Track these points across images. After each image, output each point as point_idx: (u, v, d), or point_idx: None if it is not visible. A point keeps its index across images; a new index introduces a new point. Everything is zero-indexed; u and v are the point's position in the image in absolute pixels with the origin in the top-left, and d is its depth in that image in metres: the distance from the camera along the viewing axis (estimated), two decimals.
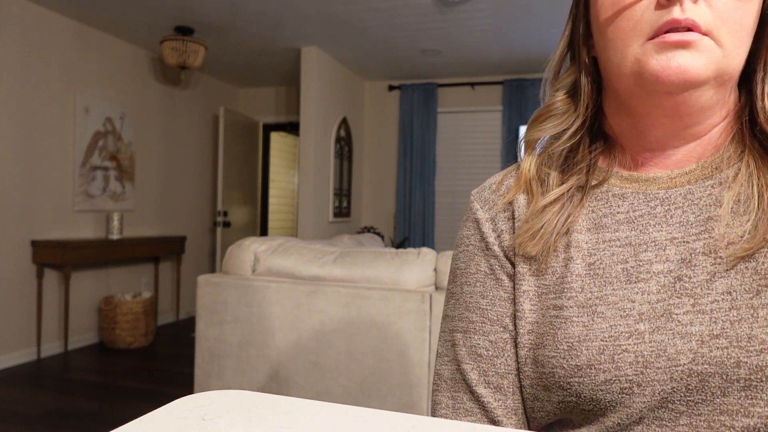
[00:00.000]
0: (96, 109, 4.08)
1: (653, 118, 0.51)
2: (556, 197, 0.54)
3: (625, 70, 0.49)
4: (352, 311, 2.11)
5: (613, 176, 0.55)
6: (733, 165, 0.50)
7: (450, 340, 0.59)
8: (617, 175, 0.55)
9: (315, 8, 3.63)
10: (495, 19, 3.78)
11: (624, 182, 0.54)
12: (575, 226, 0.53)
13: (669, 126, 0.51)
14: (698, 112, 0.49)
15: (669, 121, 0.50)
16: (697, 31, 0.45)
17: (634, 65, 0.48)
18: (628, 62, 0.48)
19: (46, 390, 3.05)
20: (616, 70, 0.50)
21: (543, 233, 0.53)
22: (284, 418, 0.36)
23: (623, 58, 0.48)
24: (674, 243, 0.49)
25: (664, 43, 0.45)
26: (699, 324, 0.45)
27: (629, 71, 0.48)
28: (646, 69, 0.46)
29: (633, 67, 0.48)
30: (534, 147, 0.59)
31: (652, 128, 0.52)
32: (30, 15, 3.58)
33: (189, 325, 4.81)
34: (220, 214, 4.91)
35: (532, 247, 0.53)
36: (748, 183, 0.48)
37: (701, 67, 0.45)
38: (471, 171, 5.25)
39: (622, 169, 0.55)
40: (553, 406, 0.51)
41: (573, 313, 0.49)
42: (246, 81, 5.64)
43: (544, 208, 0.54)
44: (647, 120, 0.51)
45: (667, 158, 0.53)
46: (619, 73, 0.50)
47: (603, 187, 0.55)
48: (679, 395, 0.44)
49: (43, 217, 3.71)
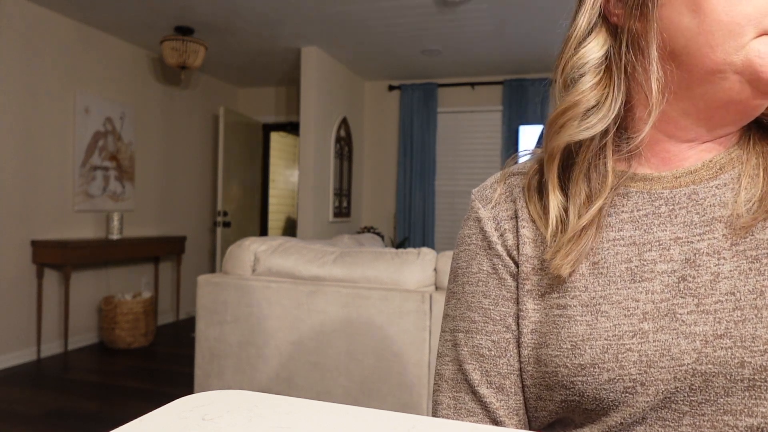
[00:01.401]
0: (96, 109, 4.08)
1: (719, 118, 0.48)
2: (591, 219, 0.50)
3: (736, 60, 0.43)
4: (352, 311, 2.11)
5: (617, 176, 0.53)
6: (737, 166, 0.50)
7: (451, 339, 0.59)
8: (619, 174, 0.53)
9: (315, 8, 3.63)
10: (495, 19, 3.78)
11: (627, 181, 0.53)
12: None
13: (726, 126, 0.48)
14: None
15: (738, 120, 0.48)
16: None
17: (755, 58, 0.42)
18: (742, 53, 0.43)
19: (46, 390, 3.05)
20: (717, 57, 0.44)
21: (580, 256, 0.50)
22: (284, 418, 0.36)
23: (737, 48, 0.43)
24: (678, 243, 0.49)
25: None
26: (703, 324, 0.45)
27: (741, 63, 0.43)
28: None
29: (750, 59, 0.43)
30: (559, 152, 0.52)
31: (706, 125, 0.49)
32: (30, 15, 3.58)
33: (189, 325, 4.81)
34: (220, 214, 4.91)
35: (566, 269, 0.50)
36: (753, 183, 0.48)
37: None
38: (471, 171, 5.25)
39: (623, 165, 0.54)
40: (555, 406, 0.51)
41: (577, 312, 0.49)
42: (246, 81, 5.64)
43: (582, 230, 0.50)
44: (712, 119, 0.48)
45: (681, 154, 0.51)
46: (718, 62, 0.44)
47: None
48: (683, 395, 0.44)
49: (43, 217, 3.71)
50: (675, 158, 0.51)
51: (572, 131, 0.50)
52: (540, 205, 0.55)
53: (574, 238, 0.50)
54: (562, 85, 0.52)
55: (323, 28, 4.01)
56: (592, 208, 0.50)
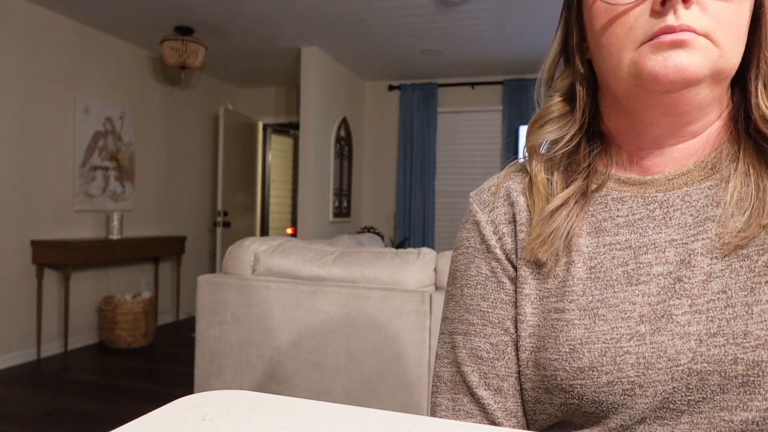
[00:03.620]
0: (96, 109, 4.08)
1: (651, 118, 0.51)
2: (562, 202, 0.54)
3: (622, 74, 0.49)
4: (352, 311, 2.11)
5: (611, 179, 0.55)
6: (729, 165, 0.51)
7: (450, 342, 0.59)
8: (615, 178, 0.55)
9: (315, 8, 3.63)
10: (495, 19, 3.78)
11: (622, 186, 0.54)
12: (576, 230, 0.54)
13: (666, 124, 0.51)
14: (696, 109, 0.49)
15: (667, 119, 0.50)
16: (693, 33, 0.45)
17: (631, 68, 0.48)
18: (624, 66, 0.49)
19: (46, 390, 3.05)
20: (613, 73, 0.50)
21: (553, 238, 0.53)
22: (284, 418, 0.36)
23: (619, 63, 0.49)
24: (673, 245, 0.49)
25: (660, 44, 0.46)
26: (696, 324, 0.45)
27: (626, 74, 0.49)
28: (644, 70, 0.47)
29: (630, 69, 0.48)
30: (537, 151, 0.59)
31: (650, 127, 0.52)
32: (30, 15, 3.58)
33: (189, 325, 4.81)
34: (220, 214, 4.91)
35: (543, 253, 0.53)
36: (744, 182, 0.49)
37: (698, 64, 0.45)
38: (471, 171, 5.25)
39: (619, 170, 0.56)
40: (554, 409, 0.51)
41: (575, 316, 0.50)
42: (246, 81, 5.64)
43: (552, 213, 0.54)
44: (645, 119, 0.52)
45: (665, 156, 0.53)
46: (615, 77, 0.50)
47: (602, 191, 0.55)
48: (680, 395, 0.45)
49: (43, 217, 3.71)
50: (652, 164, 0.54)
51: (545, 133, 0.58)
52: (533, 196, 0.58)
53: (545, 220, 0.54)
54: (544, 93, 0.60)
55: (323, 28, 4.01)
56: (561, 192, 0.55)
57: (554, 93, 0.59)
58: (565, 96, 0.58)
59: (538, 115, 0.59)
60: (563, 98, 0.58)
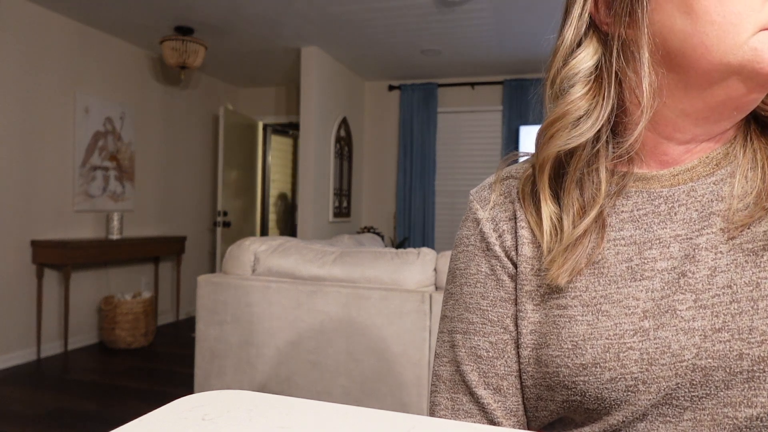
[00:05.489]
0: (96, 109, 4.08)
1: (718, 115, 0.47)
2: (586, 229, 0.50)
3: (733, 60, 0.43)
4: (352, 311, 2.11)
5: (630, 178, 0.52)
6: (733, 161, 0.50)
7: (449, 341, 0.59)
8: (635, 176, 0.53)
9: (315, 8, 3.63)
10: (495, 19, 3.78)
11: (627, 181, 0.53)
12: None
13: (717, 120, 0.48)
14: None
15: (735, 115, 0.48)
16: None
17: (751, 54, 0.42)
18: (739, 51, 0.43)
19: (46, 390, 3.05)
20: (713, 58, 0.44)
21: (576, 265, 0.50)
22: (284, 418, 0.36)
23: (734, 46, 0.43)
24: (678, 240, 0.49)
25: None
26: (701, 319, 0.45)
27: (739, 60, 0.43)
28: (766, 59, 0.42)
29: (747, 56, 0.42)
30: (548, 164, 0.52)
31: (704, 122, 0.48)
32: (30, 15, 3.58)
33: (189, 325, 4.81)
34: (220, 214, 4.91)
35: (564, 278, 0.50)
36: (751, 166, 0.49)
37: None
38: (471, 171, 5.25)
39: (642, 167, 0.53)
40: (556, 406, 0.51)
41: (577, 312, 0.49)
42: (246, 81, 5.64)
43: (577, 240, 0.50)
44: (710, 118, 0.48)
45: (683, 156, 0.51)
46: (714, 62, 0.44)
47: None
48: (684, 391, 0.45)
49: (43, 217, 3.71)
50: (674, 161, 0.51)
51: (562, 140, 0.50)
52: (536, 213, 0.54)
53: (570, 248, 0.50)
54: (552, 96, 0.52)
55: (323, 28, 4.01)
56: (586, 218, 0.50)
57: (574, 83, 0.50)
58: (588, 83, 0.50)
59: (558, 113, 0.50)
60: (587, 87, 0.50)
